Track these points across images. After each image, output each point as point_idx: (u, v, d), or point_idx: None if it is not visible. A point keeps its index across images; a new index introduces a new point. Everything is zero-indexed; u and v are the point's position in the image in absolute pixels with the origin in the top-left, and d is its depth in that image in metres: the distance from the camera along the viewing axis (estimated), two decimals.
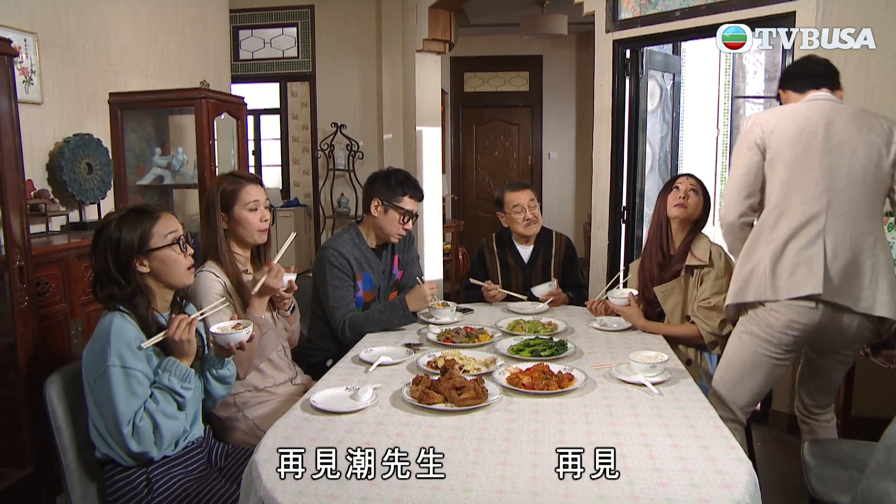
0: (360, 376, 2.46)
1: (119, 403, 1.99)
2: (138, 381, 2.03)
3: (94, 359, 2.03)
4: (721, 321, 2.90)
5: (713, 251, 3.03)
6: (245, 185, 2.65)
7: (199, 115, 4.12)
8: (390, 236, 3.20)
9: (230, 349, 2.23)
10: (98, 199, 3.91)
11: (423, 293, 3.05)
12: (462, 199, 10.72)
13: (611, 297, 3.11)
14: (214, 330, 2.22)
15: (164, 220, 2.17)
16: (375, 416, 2.08)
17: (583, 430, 1.97)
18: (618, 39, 4.90)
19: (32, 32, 3.58)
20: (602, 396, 2.24)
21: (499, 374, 2.38)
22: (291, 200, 8.32)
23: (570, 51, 10.19)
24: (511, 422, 2.03)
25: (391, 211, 3.14)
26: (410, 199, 3.18)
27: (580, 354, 2.70)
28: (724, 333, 2.90)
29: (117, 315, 2.06)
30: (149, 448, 2.04)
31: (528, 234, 3.73)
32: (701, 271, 3.02)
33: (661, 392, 2.26)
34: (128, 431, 1.99)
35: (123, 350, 2.01)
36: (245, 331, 2.22)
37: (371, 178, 3.25)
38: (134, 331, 2.06)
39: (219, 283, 2.56)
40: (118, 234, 2.09)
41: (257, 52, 7.66)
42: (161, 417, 2.04)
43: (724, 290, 2.87)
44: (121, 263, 2.10)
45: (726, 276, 2.93)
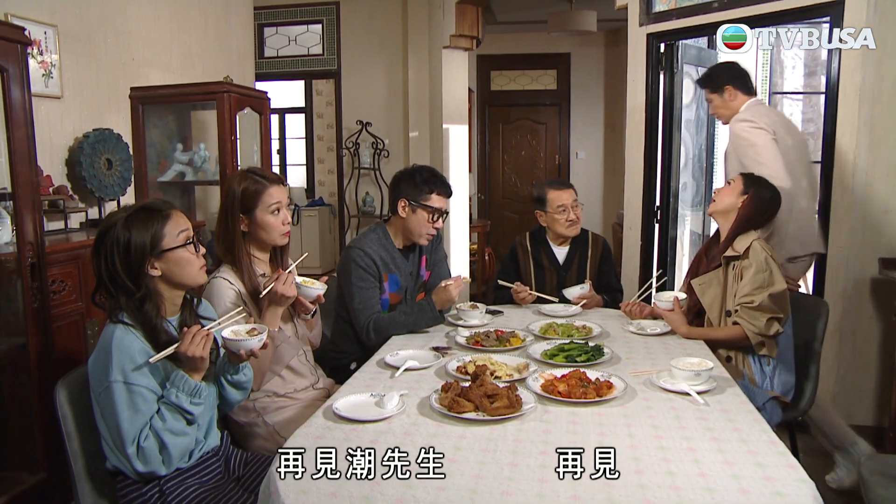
0: (386, 381, 2.34)
1: (122, 422, 1.87)
2: (143, 397, 1.90)
3: (98, 372, 1.92)
4: (768, 320, 2.75)
5: (755, 244, 2.86)
6: (268, 187, 2.48)
7: (220, 109, 4.03)
8: (420, 237, 3.07)
9: (241, 356, 2.08)
10: (118, 196, 3.83)
11: (449, 292, 2.93)
12: (488, 199, 10.59)
13: (656, 299, 2.97)
14: (226, 335, 2.06)
15: (175, 219, 2.03)
16: (402, 426, 1.96)
17: (625, 443, 1.83)
18: (652, 33, 4.75)
19: (53, 25, 3.51)
20: (644, 406, 2.10)
21: (532, 380, 2.25)
22: (316, 200, 8.25)
23: (599, 48, 10.03)
24: (547, 433, 1.90)
25: (419, 210, 3.01)
26: (438, 196, 3.04)
27: (617, 360, 2.56)
28: (771, 333, 2.75)
29: (119, 327, 1.92)
30: (156, 468, 1.92)
31: (570, 236, 3.57)
32: (740, 264, 2.86)
33: (707, 402, 2.11)
34: (132, 451, 1.88)
35: (126, 364, 1.88)
36: (258, 338, 2.06)
37: (396, 177, 3.11)
38: (138, 343, 1.93)
39: (233, 290, 2.43)
40: (127, 236, 1.93)
41: (282, 50, 7.59)
42: (168, 436, 1.91)
43: (767, 286, 2.75)
44: (131, 267, 1.94)
45: (768, 270, 2.78)
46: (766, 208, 2.94)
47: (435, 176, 3.07)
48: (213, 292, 2.39)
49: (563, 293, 3.36)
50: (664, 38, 4.73)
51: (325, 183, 8.74)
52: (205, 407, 2.02)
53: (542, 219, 3.59)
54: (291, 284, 2.36)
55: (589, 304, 3.33)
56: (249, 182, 2.47)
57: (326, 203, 8.14)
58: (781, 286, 2.79)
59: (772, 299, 2.75)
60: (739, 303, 2.81)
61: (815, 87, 6.72)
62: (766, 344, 2.79)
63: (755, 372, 2.85)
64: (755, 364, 2.86)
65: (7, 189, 2.34)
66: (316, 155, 8.71)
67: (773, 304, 2.75)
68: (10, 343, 2.47)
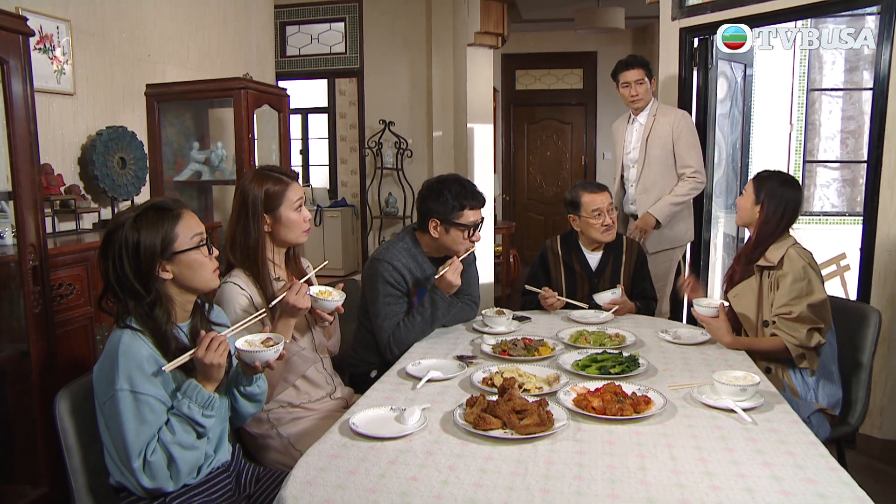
0: (407, 393, 2.20)
1: (128, 433, 1.74)
2: (150, 408, 1.78)
3: (103, 380, 1.80)
4: (808, 331, 2.57)
5: (790, 252, 2.68)
6: (290, 184, 2.38)
7: (237, 106, 3.90)
8: (458, 253, 2.86)
9: (256, 367, 1.95)
10: (132, 196, 3.73)
11: (445, 279, 2.73)
12: (513, 201, 10.43)
13: (697, 305, 2.76)
14: (240, 345, 1.94)
15: (188, 219, 1.92)
16: (424, 444, 1.81)
17: (668, 466, 1.67)
18: (685, 27, 4.58)
19: (65, 20, 3.42)
20: (685, 424, 1.94)
21: (564, 394, 2.10)
22: (339, 200, 8.15)
23: (626, 46, 9.83)
24: (582, 454, 1.74)
25: (453, 230, 2.82)
26: (471, 210, 2.82)
27: (654, 372, 2.40)
28: (812, 344, 2.57)
29: (127, 332, 1.81)
30: (163, 484, 1.80)
31: (605, 241, 3.37)
32: (776, 273, 2.68)
33: (755, 420, 1.94)
34: (138, 466, 1.75)
35: (134, 372, 1.76)
36: (274, 349, 1.94)
37: (422, 194, 2.90)
38: (146, 349, 1.81)
39: (244, 296, 2.30)
40: (136, 237, 1.82)
41: (304, 49, 7.48)
42: (177, 450, 1.79)
43: (805, 295, 2.59)
44: (141, 270, 1.83)
45: (806, 279, 2.61)
46: (784, 212, 2.74)
47: (464, 188, 2.83)
48: (224, 298, 2.27)
49: (594, 298, 3.19)
50: (698, 32, 4.54)
51: (348, 184, 8.64)
52: (216, 420, 1.90)
53: (576, 223, 3.37)
54: (305, 295, 2.23)
55: (621, 310, 3.16)
56: (271, 181, 2.36)
57: (349, 204, 8.03)
58: (821, 295, 2.62)
59: (811, 309, 2.58)
60: (777, 314, 2.63)
61: (856, 83, 6.49)
62: (807, 356, 2.62)
63: (797, 384, 2.67)
64: (796, 376, 2.68)
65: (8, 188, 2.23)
66: (339, 155, 8.62)
67: (813, 314, 2.59)
68: (12, 350, 2.35)
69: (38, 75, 3.23)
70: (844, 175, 7.09)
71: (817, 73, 6.69)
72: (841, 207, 7.12)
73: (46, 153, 3.31)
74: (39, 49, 3.25)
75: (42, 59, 3.28)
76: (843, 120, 6.77)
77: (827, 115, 6.91)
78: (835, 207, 7.14)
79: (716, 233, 4.94)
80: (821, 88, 6.74)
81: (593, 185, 3.39)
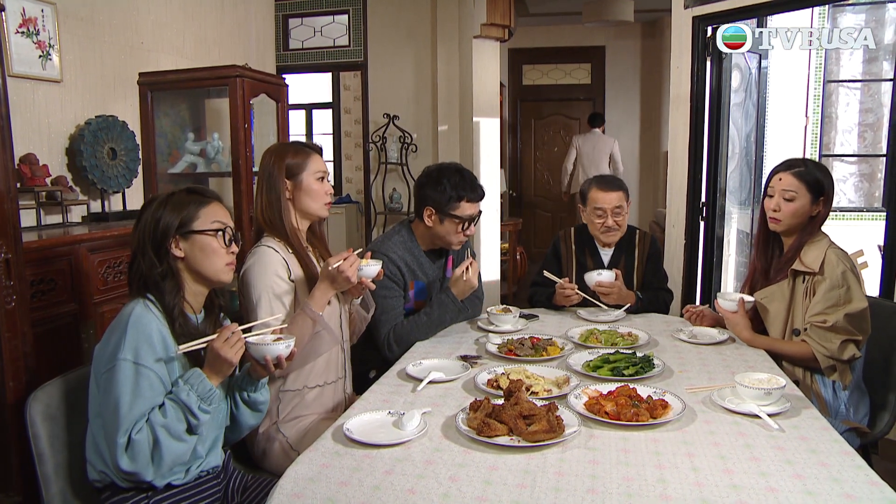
0: (407, 396, 2.07)
1: (122, 405, 1.68)
2: (150, 382, 1.73)
3: (107, 351, 1.76)
4: (842, 343, 2.38)
5: (828, 257, 2.47)
6: (312, 154, 2.39)
7: (233, 95, 3.76)
8: (450, 245, 2.79)
9: (266, 364, 1.88)
10: (123, 188, 3.59)
11: (470, 281, 2.68)
12: (520, 197, 10.29)
13: (720, 297, 2.62)
14: (251, 339, 1.88)
15: (213, 207, 1.95)
16: (423, 452, 1.67)
17: (689, 478, 1.52)
18: (698, 16, 4.41)
19: (51, 3, 3.29)
20: (707, 431, 1.79)
21: (574, 397, 1.96)
22: (343, 197, 8.03)
23: (635, 41, 9.68)
24: (595, 464, 1.60)
25: (447, 221, 2.72)
26: (468, 202, 2.73)
27: (670, 374, 2.25)
28: (845, 358, 2.39)
29: (140, 303, 1.80)
30: (142, 469, 1.69)
31: (606, 242, 3.22)
32: (813, 279, 2.49)
33: (782, 427, 1.79)
34: (122, 442, 1.66)
35: (141, 344, 1.74)
36: (285, 344, 1.88)
37: (420, 180, 2.81)
38: (156, 323, 1.79)
39: (279, 257, 2.25)
40: (161, 212, 1.89)
41: (307, 42, 7.34)
42: (163, 434, 1.69)
43: (843, 304, 2.39)
44: (156, 241, 1.87)
45: (845, 285, 2.42)
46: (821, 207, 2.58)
47: (464, 179, 2.74)
48: (258, 261, 2.24)
49: (584, 277, 3.04)
50: (712, 21, 4.37)
51: (353, 180, 8.51)
52: (212, 422, 1.83)
53: (584, 215, 3.24)
54: (355, 269, 2.19)
55: (612, 296, 3.00)
56: (292, 151, 2.38)
57: (353, 200, 7.90)
58: (861, 304, 2.41)
59: (848, 319, 2.39)
60: (810, 321, 2.45)
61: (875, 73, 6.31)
62: (838, 368, 2.43)
63: (826, 395, 2.47)
64: (825, 387, 2.48)
65: None
66: (343, 151, 8.49)
67: (850, 325, 2.39)
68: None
69: (20, 60, 3.12)
70: (862, 169, 6.93)
71: (834, 64, 6.53)
72: (858, 203, 6.97)
73: (31, 142, 3.20)
74: (22, 32, 3.12)
75: (25, 42, 3.15)
76: (862, 112, 6.60)
77: (844, 107, 6.73)
78: (852, 203, 6.98)
79: (729, 229, 4.78)
80: (838, 80, 6.57)
81: (606, 181, 3.21)
